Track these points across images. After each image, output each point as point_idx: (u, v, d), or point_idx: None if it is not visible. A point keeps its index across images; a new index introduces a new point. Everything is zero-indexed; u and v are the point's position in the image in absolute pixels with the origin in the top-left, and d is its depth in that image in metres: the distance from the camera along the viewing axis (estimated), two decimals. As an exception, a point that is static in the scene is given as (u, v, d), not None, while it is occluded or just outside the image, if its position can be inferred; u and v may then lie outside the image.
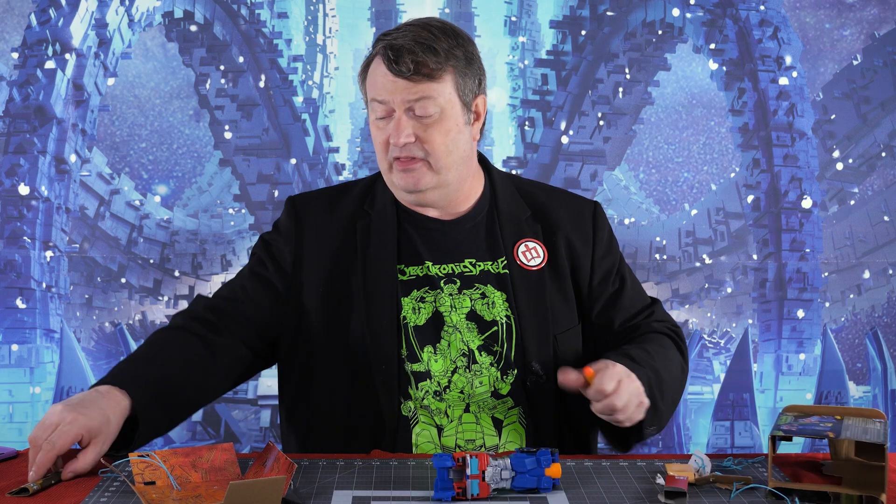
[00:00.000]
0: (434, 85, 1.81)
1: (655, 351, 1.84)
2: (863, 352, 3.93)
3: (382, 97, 1.82)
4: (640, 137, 3.95)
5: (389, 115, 1.82)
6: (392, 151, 1.82)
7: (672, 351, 1.90)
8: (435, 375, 1.85)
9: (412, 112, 1.81)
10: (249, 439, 3.84)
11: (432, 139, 1.81)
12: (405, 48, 1.80)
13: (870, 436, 1.50)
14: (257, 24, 3.87)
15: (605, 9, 3.90)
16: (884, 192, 3.94)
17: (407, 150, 1.81)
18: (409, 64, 1.79)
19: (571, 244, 1.93)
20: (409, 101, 1.80)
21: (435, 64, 1.81)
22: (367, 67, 1.88)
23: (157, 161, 3.86)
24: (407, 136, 1.80)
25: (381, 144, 1.84)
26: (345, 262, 1.89)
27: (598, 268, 1.95)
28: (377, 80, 1.83)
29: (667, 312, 2.01)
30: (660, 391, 1.77)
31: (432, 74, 1.80)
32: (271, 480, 1.35)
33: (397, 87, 1.80)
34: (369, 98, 1.86)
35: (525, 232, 1.92)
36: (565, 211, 1.97)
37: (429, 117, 1.81)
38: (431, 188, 1.85)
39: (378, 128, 1.84)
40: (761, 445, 3.84)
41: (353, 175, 3.90)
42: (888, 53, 3.91)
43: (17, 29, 3.75)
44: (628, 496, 1.52)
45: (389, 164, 1.85)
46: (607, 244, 1.98)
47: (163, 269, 3.86)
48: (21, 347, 3.70)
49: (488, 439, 1.84)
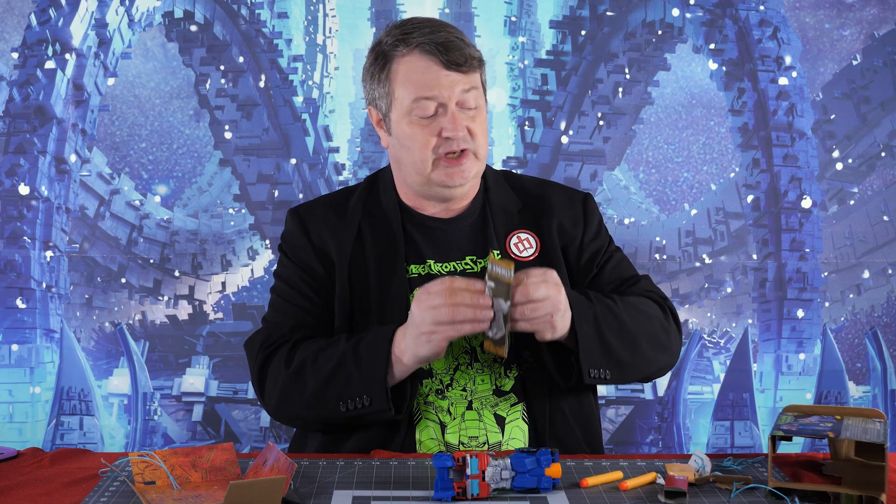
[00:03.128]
0: (476, 76, 1.86)
1: (622, 301, 1.85)
2: (862, 352, 3.94)
3: (434, 92, 1.82)
4: (639, 137, 3.95)
5: (437, 111, 1.83)
6: (444, 147, 1.83)
7: (650, 307, 1.90)
8: (437, 373, 1.85)
9: (460, 105, 1.83)
10: (249, 439, 3.84)
11: (478, 129, 1.86)
12: (452, 42, 1.83)
13: (870, 436, 1.50)
14: (257, 24, 3.87)
15: (605, 9, 3.90)
16: (883, 192, 3.94)
17: (461, 142, 1.83)
18: (463, 55, 1.82)
19: (562, 226, 1.95)
20: (462, 94, 1.82)
21: (477, 54, 1.86)
22: (387, 67, 1.87)
23: (157, 161, 3.87)
24: (463, 128, 1.83)
25: (426, 141, 1.83)
26: (356, 262, 1.89)
27: (587, 249, 1.97)
28: (424, 77, 1.82)
29: (656, 286, 2.01)
30: (611, 329, 1.79)
31: (476, 66, 1.86)
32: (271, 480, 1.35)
33: (452, 81, 1.82)
34: (412, 96, 1.83)
35: (516, 224, 1.94)
36: (556, 198, 1.99)
37: (475, 108, 1.85)
38: (472, 178, 1.89)
39: (422, 126, 1.83)
40: (761, 445, 3.84)
41: (353, 175, 3.90)
42: (888, 53, 3.91)
43: (17, 29, 3.75)
44: (628, 496, 1.52)
45: (434, 161, 1.85)
46: (597, 229, 2.00)
47: (163, 269, 3.86)
48: (21, 347, 3.70)
49: (491, 436, 1.84)
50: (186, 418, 3.81)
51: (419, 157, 1.85)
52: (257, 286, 3.91)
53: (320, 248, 1.92)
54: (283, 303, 1.93)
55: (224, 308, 3.89)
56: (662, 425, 3.86)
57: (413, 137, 1.84)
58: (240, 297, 3.90)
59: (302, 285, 1.91)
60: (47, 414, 3.72)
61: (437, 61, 1.81)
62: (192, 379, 3.81)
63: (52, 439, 3.71)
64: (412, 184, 1.92)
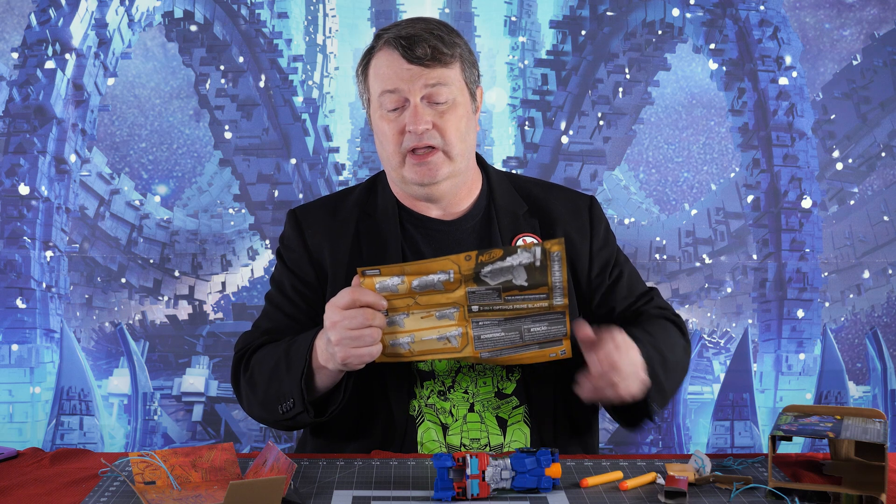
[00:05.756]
0: (447, 71, 1.83)
1: (657, 332, 1.83)
2: (863, 352, 3.93)
3: (395, 86, 1.81)
4: (640, 137, 3.95)
5: (402, 106, 1.82)
6: (407, 142, 1.81)
7: (675, 335, 1.89)
8: (439, 375, 1.85)
9: (427, 100, 1.81)
10: (249, 439, 3.84)
11: (448, 126, 1.82)
12: (418, 36, 1.81)
13: (870, 436, 1.50)
14: (257, 24, 3.87)
15: (605, 9, 3.90)
16: (884, 192, 3.94)
17: (425, 137, 1.80)
18: (426, 49, 1.80)
19: (570, 237, 1.92)
20: (426, 88, 1.80)
21: (448, 49, 1.83)
22: (367, 64, 1.88)
23: (157, 161, 3.86)
24: (426, 122, 1.80)
25: (392, 137, 1.82)
26: (352, 264, 1.88)
27: (597, 259, 1.95)
28: (387, 71, 1.82)
29: (665, 300, 2.01)
30: (663, 369, 1.76)
31: (446, 61, 1.82)
32: (271, 480, 1.35)
33: (413, 75, 1.80)
34: (379, 91, 1.84)
35: (522, 227, 1.92)
36: (562, 205, 1.97)
37: (444, 104, 1.82)
38: (445, 179, 1.84)
39: (389, 120, 1.83)
40: (761, 445, 3.84)
41: (353, 175, 3.90)
42: (888, 53, 3.91)
43: (17, 29, 3.75)
44: (628, 496, 1.52)
45: (402, 157, 1.83)
46: (604, 236, 1.98)
47: (163, 269, 3.86)
48: (21, 347, 3.70)
49: (493, 438, 1.84)
50: (186, 418, 3.81)
51: (390, 151, 1.84)
52: (257, 286, 3.91)
53: (315, 255, 1.91)
54: (272, 310, 1.94)
55: (224, 308, 3.89)
56: (662, 425, 3.85)
57: (384, 133, 1.84)
58: (240, 297, 3.90)
59: (292, 293, 1.91)
60: (47, 414, 3.72)
61: (399, 55, 1.81)
62: (192, 379, 3.81)
63: (52, 439, 3.71)
64: (395, 182, 1.91)
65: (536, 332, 1.66)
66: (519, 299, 1.62)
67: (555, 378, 1.86)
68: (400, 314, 1.65)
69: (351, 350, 1.64)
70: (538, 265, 1.58)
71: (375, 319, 1.62)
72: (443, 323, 1.65)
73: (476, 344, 1.66)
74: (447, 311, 1.64)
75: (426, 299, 1.63)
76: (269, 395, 1.79)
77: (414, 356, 1.69)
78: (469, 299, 1.62)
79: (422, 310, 1.65)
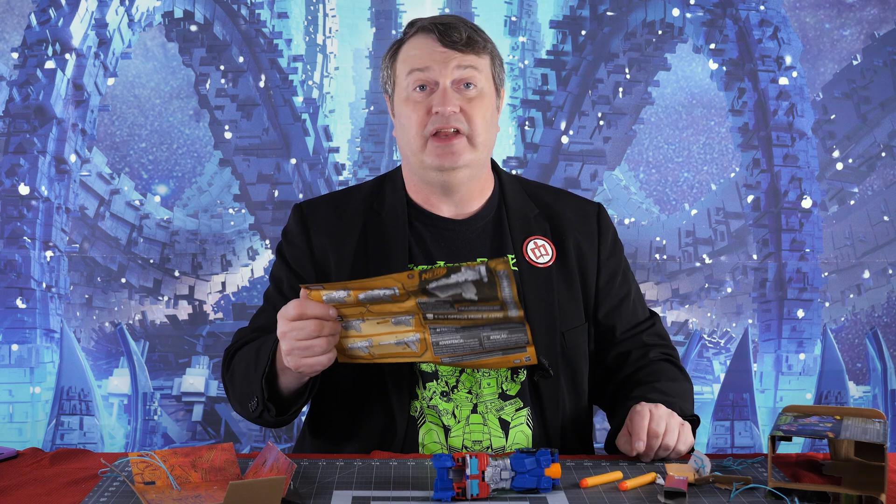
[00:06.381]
0: (479, 59, 1.86)
1: (671, 390, 1.87)
2: (863, 352, 3.93)
3: (427, 65, 1.83)
4: (640, 137, 3.95)
5: (430, 88, 1.84)
6: (432, 124, 1.82)
7: (682, 382, 1.93)
8: (443, 375, 1.84)
9: (456, 86, 1.83)
10: (249, 439, 3.84)
11: (475, 112, 1.84)
12: (454, 24, 1.85)
13: (869, 436, 1.50)
14: (257, 24, 3.87)
15: (605, 9, 3.90)
16: (884, 192, 3.94)
17: (452, 120, 1.82)
18: (461, 34, 1.83)
19: (580, 246, 1.94)
20: (459, 70, 1.83)
21: (481, 39, 1.86)
22: (397, 51, 1.90)
23: (157, 161, 3.87)
24: (454, 105, 1.82)
25: (418, 119, 1.83)
26: (357, 262, 1.88)
27: (605, 268, 1.97)
28: (420, 52, 1.85)
29: (664, 328, 2.04)
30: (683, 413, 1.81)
31: (478, 49, 1.85)
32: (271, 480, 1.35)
33: (447, 57, 1.83)
34: (407, 70, 1.85)
35: (534, 229, 1.93)
36: (572, 212, 1.98)
37: (473, 89, 1.84)
38: (465, 166, 1.85)
39: (414, 101, 1.84)
40: (761, 445, 3.84)
41: (353, 175, 3.90)
42: (888, 53, 3.91)
43: (17, 29, 3.75)
44: (628, 496, 1.52)
45: (424, 141, 1.84)
46: (612, 245, 2.00)
47: (163, 269, 3.86)
48: (21, 347, 3.70)
49: (495, 440, 1.84)
50: (186, 418, 3.81)
51: (412, 134, 1.85)
52: (257, 286, 3.91)
53: (318, 255, 1.91)
54: (268, 306, 1.95)
55: (224, 308, 3.89)
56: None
57: (408, 116, 1.85)
58: (240, 298, 3.90)
59: (288, 290, 1.91)
60: (47, 414, 3.72)
61: (434, 38, 1.84)
62: (191, 379, 3.81)
63: (52, 439, 3.71)
64: (414, 171, 1.90)
65: (497, 339, 1.66)
66: (473, 309, 1.60)
67: (560, 379, 1.86)
68: (355, 319, 1.65)
69: (301, 360, 1.65)
70: (486, 282, 1.55)
71: (324, 330, 1.63)
72: (399, 328, 1.65)
73: (435, 350, 1.66)
74: (402, 318, 1.63)
75: (378, 308, 1.62)
76: (243, 392, 1.82)
77: (375, 359, 1.69)
78: (421, 308, 1.61)
79: (375, 316, 1.64)
